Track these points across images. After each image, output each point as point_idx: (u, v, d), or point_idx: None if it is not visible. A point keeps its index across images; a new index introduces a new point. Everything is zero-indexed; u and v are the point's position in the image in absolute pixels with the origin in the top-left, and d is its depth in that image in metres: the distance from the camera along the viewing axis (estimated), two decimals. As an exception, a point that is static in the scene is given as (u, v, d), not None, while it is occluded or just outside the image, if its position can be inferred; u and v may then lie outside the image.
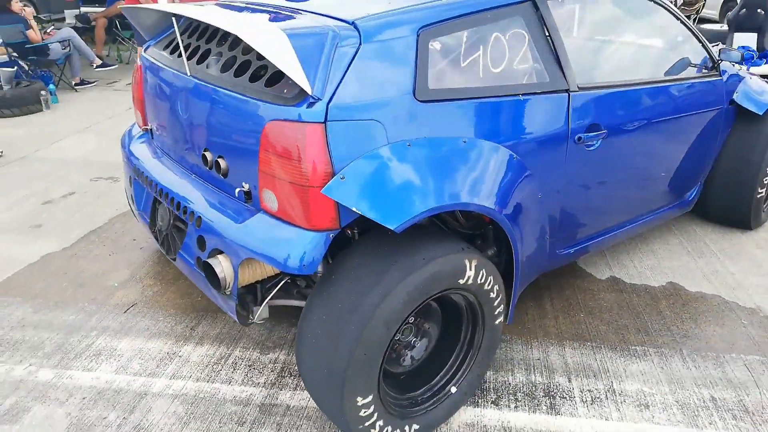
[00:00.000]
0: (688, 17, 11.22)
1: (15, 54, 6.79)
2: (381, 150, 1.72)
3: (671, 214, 3.14)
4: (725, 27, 7.92)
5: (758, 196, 3.22)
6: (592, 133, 2.27)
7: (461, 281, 1.81)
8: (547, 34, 2.19)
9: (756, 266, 3.03)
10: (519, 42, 2.14)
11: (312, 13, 2.00)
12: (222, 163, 1.95)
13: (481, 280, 1.87)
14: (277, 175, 1.71)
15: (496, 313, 1.99)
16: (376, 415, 1.76)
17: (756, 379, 2.24)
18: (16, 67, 6.44)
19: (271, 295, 2.03)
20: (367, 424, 1.75)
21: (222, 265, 1.85)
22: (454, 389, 2.01)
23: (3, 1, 6.78)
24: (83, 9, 10.31)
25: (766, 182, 3.20)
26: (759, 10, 7.24)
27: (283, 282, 2.05)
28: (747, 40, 7.51)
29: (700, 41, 2.89)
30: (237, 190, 1.92)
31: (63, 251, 3.25)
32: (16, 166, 4.57)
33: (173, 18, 2.02)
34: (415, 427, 1.91)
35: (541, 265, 2.42)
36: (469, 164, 1.87)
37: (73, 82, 7.21)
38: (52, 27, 7.80)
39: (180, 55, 2.20)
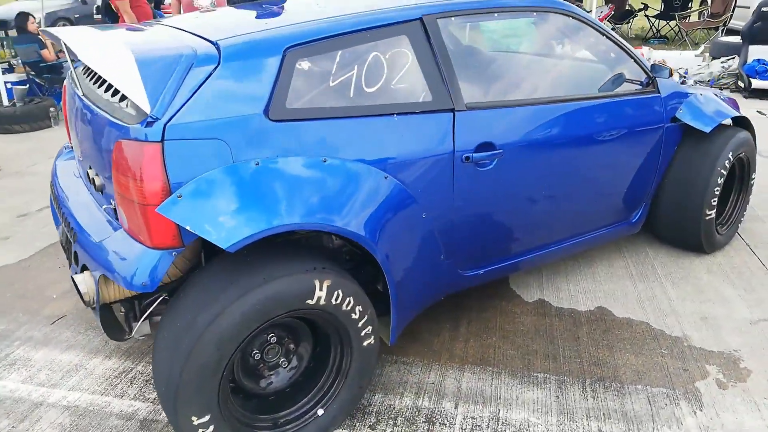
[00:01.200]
0: (715, 29, 10.85)
1: (33, 72, 7.18)
2: (224, 169, 1.74)
3: (611, 235, 3.03)
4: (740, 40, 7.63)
5: (707, 218, 3.06)
6: (483, 153, 2.23)
7: (310, 302, 1.80)
8: (434, 53, 2.17)
9: (698, 292, 2.89)
10: (401, 61, 2.13)
11: (191, 33, 2.05)
12: (97, 180, 2.01)
13: (336, 301, 1.85)
14: (122, 193, 1.75)
15: (362, 334, 1.97)
16: (217, 435, 1.76)
17: (654, 414, 2.13)
18: (28, 85, 6.80)
19: (149, 311, 2.06)
20: (208, 443, 1.75)
21: (84, 281, 1.90)
22: (321, 411, 1.99)
23: (21, 22, 7.19)
24: None
25: (714, 203, 3.05)
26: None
27: (161, 299, 2.08)
28: (762, 52, 7.21)
29: (632, 57, 2.80)
30: (105, 207, 1.97)
31: (18, 263, 3.39)
32: (9, 180, 4.81)
33: (61, 40, 2.10)
34: (273, 449, 1.90)
35: (438, 287, 2.38)
36: (325, 184, 1.86)
37: None
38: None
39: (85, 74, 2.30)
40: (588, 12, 11.29)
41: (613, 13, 11.72)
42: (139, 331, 2.07)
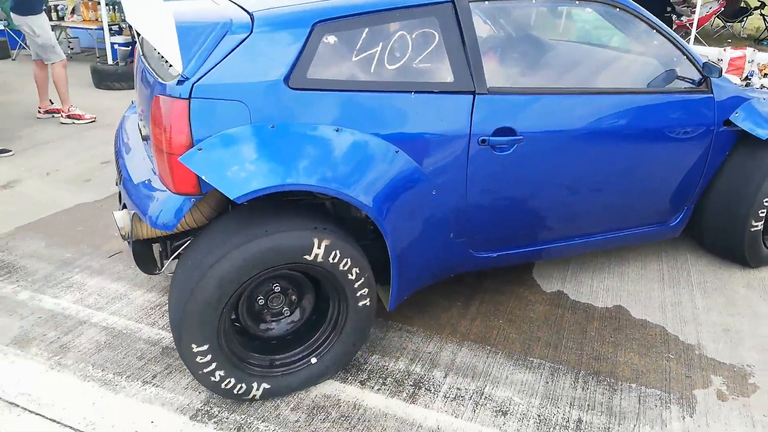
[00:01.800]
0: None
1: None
2: (242, 128, 1.92)
3: (646, 237, 2.97)
4: None
5: (753, 230, 2.92)
6: (502, 137, 2.27)
7: (308, 257, 1.95)
8: (462, 36, 2.23)
9: (729, 305, 2.78)
10: (427, 42, 2.21)
11: (237, 4, 2.23)
12: (143, 130, 2.26)
13: (333, 260, 2.00)
14: (156, 143, 1.97)
15: (358, 295, 2.10)
16: (215, 364, 1.97)
17: (640, 413, 2.12)
18: (131, 47, 7.39)
19: (178, 251, 2.30)
20: (205, 370, 1.97)
21: (121, 218, 2.16)
22: (314, 360, 2.16)
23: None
24: None
25: (762, 215, 2.90)
26: None
27: (189, 241, 2.32)
28: None
29: (685, 55, 2.70)
30: (147, 155, 2.22)
31: (94, 203, 3.80)
32: (101, 130, 5.33)
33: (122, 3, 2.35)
34: (265, 386, 2.09)
35: (447, 264, 2.46)
36: (334, 151, 2.00)
37: None
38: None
39: None
40: (693, 6, 10.57)
41: (723, 9, 10.92)
42: (168, 268, 2.32)
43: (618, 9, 2.55)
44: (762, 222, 2.93)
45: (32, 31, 5.25)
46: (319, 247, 1.96)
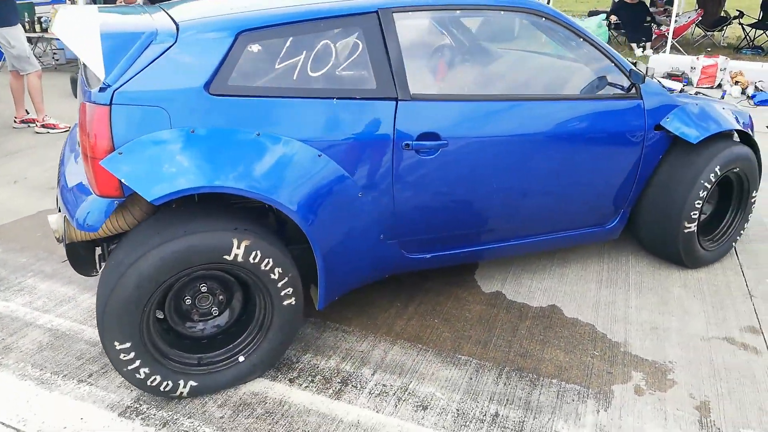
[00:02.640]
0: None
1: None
2: (161, 133, 2.00)
3: (583, 239, 3.05)
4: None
5: (686, 231, 3.00)
6: (425, 141, 2.36)
7: (227, 257, 2.03)
8: (385, 45, 2.32)
9: (661, 304, 2.86)
10: (351, 50, 2.30)
11: (169, 15, 2.32)
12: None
13: (254, 260, 2.07)
14: (81, 148, 2.05)
15: (282, 294, 2.17)
16: (138, 362, 2.03)
17: (556, 407, 2.19)
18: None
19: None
20: (129, 367, 2.04)
21: (55, 221, 2.24)
22: (241, 358, 2.22)
23: None
24: None
25: (694, 217, 2.98)
26: None
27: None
28: None
29: (612, 61, 2.79)
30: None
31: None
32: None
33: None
34: (192, 383, 2.16)
35: (379, 265, 2.53)
36: (254, 154, 2.08)
37: None
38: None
39: None
40: (677, 14, 10.69)
41: (701, 18, 11.08)
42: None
43: (544, 18, 2.64)
44: (695, 223, 3.00)
45: (7, 42, 5.35)
46: (238, 248, 2.03)
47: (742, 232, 3.30)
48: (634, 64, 3.32)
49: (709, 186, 2.95)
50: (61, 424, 2.08)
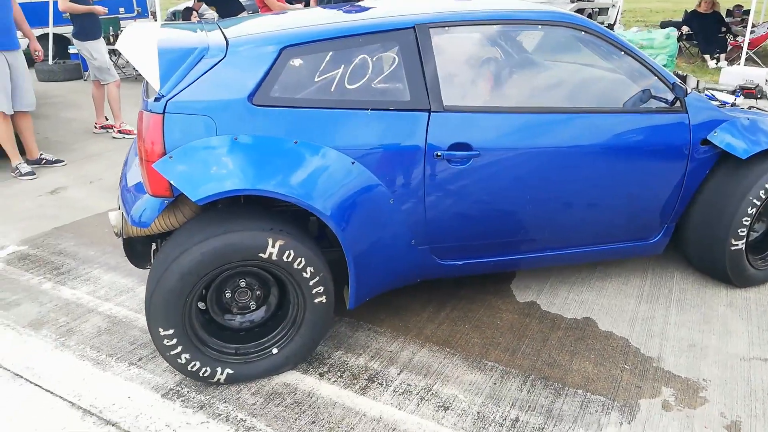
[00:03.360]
0: None
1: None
2: (208, 140, 2.18)
3: (625, 253, 3.02)
4: None
5: (733, 249, 2.91)
6: (456, 152, 2.43)
7: (263, 255, 2.17)
8: (420, 59, 2.42)
9: (703, 322, 2.78)
10: (387, 64, 2.41)
11: (221, 31, 2.51)
12: None
13: (287, 259, 2.21)
14: (138, 152, 2.26)
15: (313, 292, 2.30)
16: (180, 347, 2.21)
17: (578, 417, 2.19)
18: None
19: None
20: (172, 352, 2.22)
21: (115, 217, 2.47)
22: (275, 350, 2.36)
23: (185, 16, 8.41)
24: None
25: (742, 234, 2.88)
26: None
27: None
28: None
29: (656, 75, 2.76)
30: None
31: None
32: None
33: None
34: (229, 371, 2.32)
35: (410, 269, 2.61)
36: (292, 161, 2.22)
37: None
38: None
39: None
40: (755, 24, 10.21)
41: (782, 28, 10.49)
42: None
43: (583, 32, 2.66)
44: (743, 241, 2.91)
45: (90, 54, 5.84)
46: (273, 246, 2.18)
47: (798, 251, 3.16)
48: (684, 77, 3.27)
49: (758, 203, 2.86)
50: (111, 401, 2.29)
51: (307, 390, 2.34)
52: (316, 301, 2.32)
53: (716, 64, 10.03)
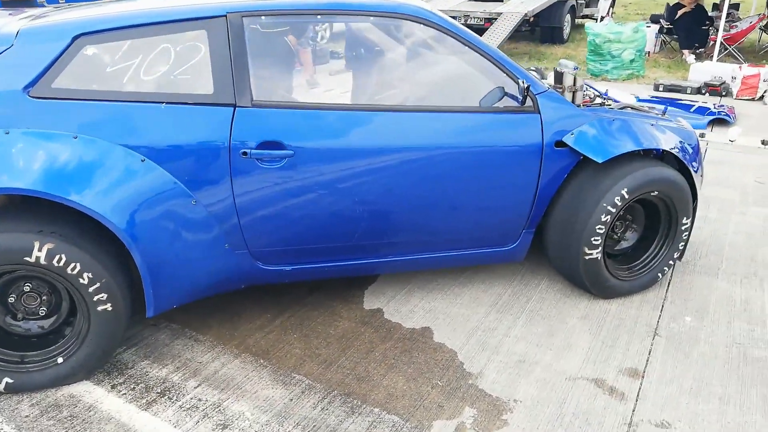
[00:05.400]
0: None
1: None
2: (-26, 133, 2.05)
3: (481, 259, 2.86)
4: None
5: (587, 258, 2.73)
6: (266, 150, 2.27)
7: (29, 259, 2.04)
8: (230, 50, 2.26)
9: (547, 335, 2.62)
10: (192, 54, 2.26)
11: (33, 21, 2.37)
12: None
13: (59, 263, 2.07)
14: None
15: (95, 299, 2.16)
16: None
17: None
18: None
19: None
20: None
21: None
22: (60, 360, 2.23)
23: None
24: None
25: (596, 242, 2.71)
26: None
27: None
28: None
29: (504, 72, 2.58)
30: None
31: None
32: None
33: None
34: (8, 380, 2.19)
35: (229, 275, 2.46)
36: (68, 158, 2.08)
37: None
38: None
39: None
40: (732, 21, 9.92)
41: (764, 22, 10.19)
42: None
43: (422, 24, 2.48)
44: (597, 250, 2.73)
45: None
46: (40, 250, 2.04)
47: (671, 263, 2.97)
48: (543, 73, 3.09)
49: (614, 210, 2.68)
50: None
51: (90, 403, 2.21)
52: (100, 309, 2.19)
53: (695, 60, 9.74)
